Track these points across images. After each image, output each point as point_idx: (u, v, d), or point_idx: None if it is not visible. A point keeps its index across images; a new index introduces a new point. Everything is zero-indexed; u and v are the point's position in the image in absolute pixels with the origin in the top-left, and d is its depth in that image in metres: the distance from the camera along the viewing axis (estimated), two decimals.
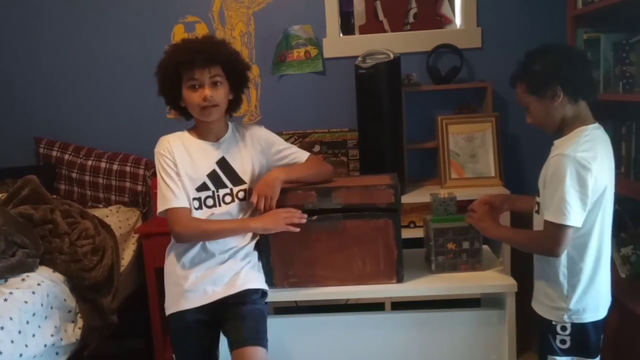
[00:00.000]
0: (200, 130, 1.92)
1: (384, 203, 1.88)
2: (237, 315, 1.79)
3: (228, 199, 1.89)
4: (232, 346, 1.76)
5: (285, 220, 1.84)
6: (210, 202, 1.87)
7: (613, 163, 1.72)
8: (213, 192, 1.87)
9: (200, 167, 1.87)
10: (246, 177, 1.92)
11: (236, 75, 1.89)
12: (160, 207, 1.84)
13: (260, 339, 1.77)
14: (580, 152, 1.60)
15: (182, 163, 1.85)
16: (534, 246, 1.75)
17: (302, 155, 2.01)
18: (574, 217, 1.60)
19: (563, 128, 1.70)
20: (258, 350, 1.74)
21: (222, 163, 1.90)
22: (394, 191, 1.87)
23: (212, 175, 1.88)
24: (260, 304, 1.85)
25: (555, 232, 1.62)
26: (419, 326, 1.99)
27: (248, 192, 1.90)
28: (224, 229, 1.85)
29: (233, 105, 1.96)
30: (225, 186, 1.89)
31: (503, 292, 1.90)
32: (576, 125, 1.68)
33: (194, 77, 1.80)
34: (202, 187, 1.87)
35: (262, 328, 1.81)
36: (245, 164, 1.93)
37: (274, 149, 1.98)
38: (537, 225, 1.78)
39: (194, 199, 1.86)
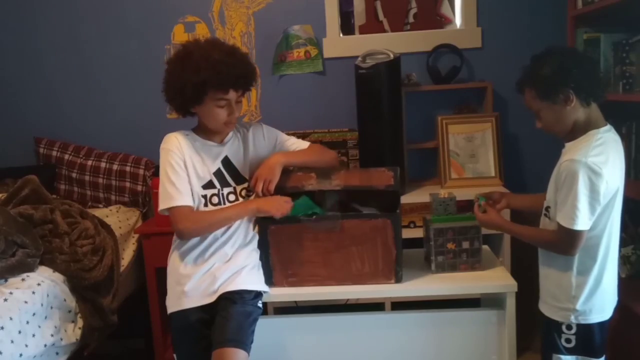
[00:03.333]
0: (205, 132, 1.93)
1: (383, 185, 1.88)
2: (224, 315, 1.79)
3: (232, 197, 1.92)
4: (213, 345, 1.75)
5: (280, 207, 1.85)
6: (215, 200, 1.90)
7: (624, 164, 1.72)
8: (218, 190, 1.90)
9: (208, 165, 1.90)
10: (248, 176, 1.96)
11: (248, 89, 1.93)
12: (163, 205, 1.83)
13: (241, 342, 1.74)
14: (591, 157, 1.60)
15: (191, 160, 1.87)
16: (550, 246, 1.75)
17: (303, 145, 2.05)
18: (583, 222, 1.61)
19: (575, 131, 1.68)
20: (237, 352, 1.72)
21: (226, 162, 1.93)
22: (394, 173, 1.88)
23: (218, 174, 1.91)
24: (252, 305, 1.85)
25: (569, 237, 1.64)
26: (419, 326, 1.99)
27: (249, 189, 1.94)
28: (225, 217, 1.86)
29: None
30: (229, 185, 1.92)
31: (503, 292, 1.90)
32: (588, 128, 1.67)
33: (224, 98, 1.81)
34: (209, 185, 1.89)
35: (247, 330, 1.79)
36: (246, 162, 1.96)
37: (276, 144, 2.02)
38: (544, 227, 1.78)
39: (201, 196, 1.88)
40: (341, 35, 3.09)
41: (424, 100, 2.99)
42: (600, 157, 1.61)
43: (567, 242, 1.65)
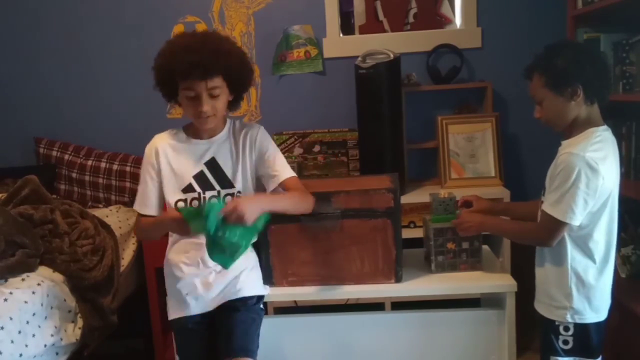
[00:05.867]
0: (195, 129, 1.84)
1: (383, 207, 1.88)
2: (229, 324, 1.78)
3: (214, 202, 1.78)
4: (221, 355, 1.75)
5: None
6: (196, 204, 1.80)
7: (619, 164, 1.72)
8: (199, 194, 1.80)
9: (187, 168, 1.81)
10: (237, 181, 1.82)
11: (237, 81, 1.77)
12: (134, 204, 1.88)
13: (249, 349, 1.75)
14: (589, 153, 1.60)
15: (169, 164, 1.81)
16: (527, 236, 1.77)
17: (284, 175, 1.82)
18: (574, 216, 1.61)
19: (572, 128, 1.68)
20: None
21: (212, 164, 1.82)
22: (393, 195, 1.87)
23: (199, 177, 1.81)
24: (254, 310, 1.84)
25: (552, 225, 1.64)
26: (419, 326, 1.99)
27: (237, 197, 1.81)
28: (153, 227, 1.82)
29: (233, 103, 1.86)
30: (212, 188, 1.81)
31: (503, 292, 1.90)
32: (587, 126, 1.67)
33: (190, 88, 1.69)
34: (188, 189, 1.81)
35: (252, 336, 1.79)
36: (236, 166, 1.83)
37: (263, 158, 1.84)
38: None
39: (180, 200, 1.81)
40: (341, 35, 3.09)
41: (424, 100, 2.99)
42: (599, 153, 1.61)
43: (548, 230, 1.66)
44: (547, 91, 1.66)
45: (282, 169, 1.83)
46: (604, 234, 1.68)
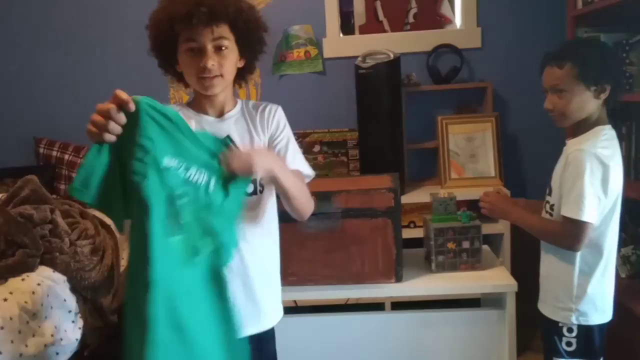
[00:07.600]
0: (200, 104, 1.52)
1: (384, 207, 1.88)
2: None
3: None
4: None
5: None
6: None
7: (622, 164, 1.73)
8: None
9: None
10: None
11: (248, 37, 1.48)
12: None
13: None
14: (599, 149, 1.60)
15: None
16: (555, 238, 1.72)
17: (293, 164, 1.56)
18: (589, 213, 1.60)
19: (580, 125, 1.68)
20: None
21: (226, 144, 1.48)
22: (394, 195, 1.88)
23: None
24: (273, 341, 1.70)
25: (574, 229, 1.62)
26: (419, 326, 1.99)
27: (255, 185, 1.50)
28: None
29: (243, 72, 1.56)
30: None
31: (503, 292, 1.90)
32: (595, 125, 1.67)
33: (193, 38, 1.41)
34: None
35: None
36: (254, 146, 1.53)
37: (274, 137, 1.58)
38: None
39: None
40: (341, 35, 3.09)
41: (424, 100, 2.99)
42: (607, 150, 1.62)
43: (572, 234, 1.62)
44: (577, 83, 1.62)
45: (293, 158, 1.57)
46: (611, 235, 1.68)
